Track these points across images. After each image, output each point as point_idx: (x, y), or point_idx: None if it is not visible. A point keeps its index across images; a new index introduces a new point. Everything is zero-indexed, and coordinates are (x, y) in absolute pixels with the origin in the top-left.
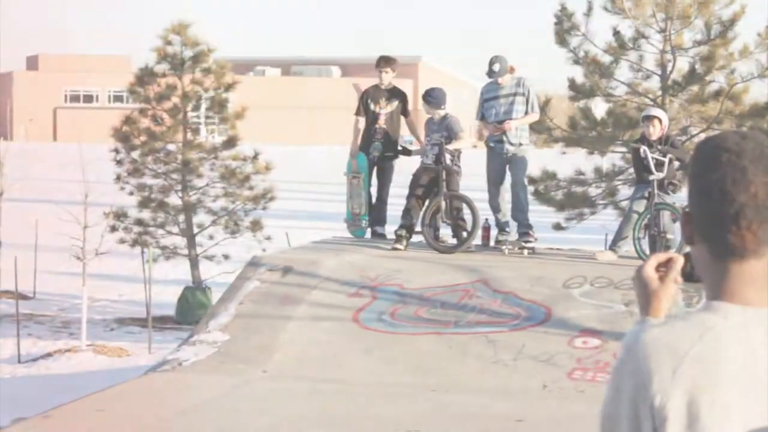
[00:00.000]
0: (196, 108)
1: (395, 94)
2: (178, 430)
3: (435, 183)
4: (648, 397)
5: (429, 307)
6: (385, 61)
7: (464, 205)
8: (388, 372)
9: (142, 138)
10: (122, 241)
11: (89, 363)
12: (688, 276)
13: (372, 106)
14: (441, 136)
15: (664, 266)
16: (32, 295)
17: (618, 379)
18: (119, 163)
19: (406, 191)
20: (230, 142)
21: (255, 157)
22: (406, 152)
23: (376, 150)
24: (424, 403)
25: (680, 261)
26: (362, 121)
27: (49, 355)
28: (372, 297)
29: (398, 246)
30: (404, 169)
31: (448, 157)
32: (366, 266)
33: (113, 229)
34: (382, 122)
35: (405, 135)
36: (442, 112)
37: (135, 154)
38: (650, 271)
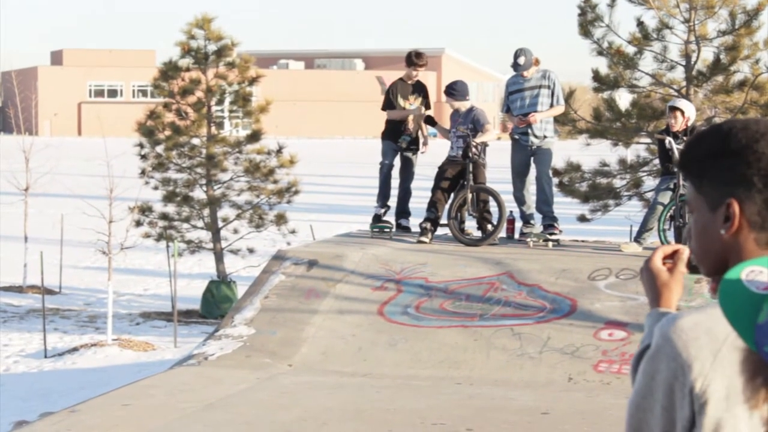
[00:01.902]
0: (220, 102)
1: (420, 88)
2: (205, 424)
3: (461, 176)
4: (687, 382)
5: (454, 300)
6: (418, 57)
7: (490, 198)
8: (413, 365)
9: (167, 132)
10: (147, 236)
11: (115, 357)
12: (693, 267)
13: (402, 102)
14: (467, 129)
15: (671, 258)
16: (58, 290)
17: (652, 366)
18: (144, 157)
19: (428, 184)
20: (254, 136)
21: (279, 150)
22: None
23: (404, 141)
24: (450, 396)
25: (686, 252)
26: (386, 113)
27: (75, 349)
28: (397, 290)
29: (423, 239)
30: (428, 161)
31: (474, 149)
32: (391, 259)
33: (138, 223)
34: (410, 118)
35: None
36: (467, 104)
37: (159, 149)
38: (658, 263)
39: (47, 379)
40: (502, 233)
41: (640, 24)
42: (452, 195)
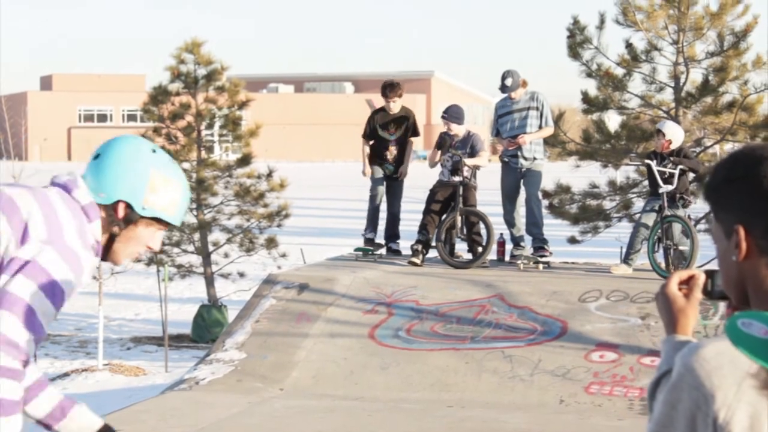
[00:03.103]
0: (210, 126)
1: (404, 116)
2: None
3: (452, 198)
4: (710, 412)
5: (445, 323)
6: (391, 89)
7: (479, 221)
8: (405, 388)
9: None
10: (138, 260)
11: (106, 382)
12: (709, 293)
13: (381, 133)
14: (464, 153)
15: (686, 283)
16: None
17: (674, 396)
18: None
19: (418, 206)
20: (244, 160)
21: (269, 174)
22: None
23: (388, 170)
24: (442, 419)
25: (702, 278)
26: (368, 146)
27: (66, 374)
28: (388, 313)
29: (415, 260)
30: (418, 184)
31: (465, 172)
32: (382, 282)
33: None
34: (393, 148)
35: (418, 150)
36: (463, 128)
37: None
38: (674, 288)
39: None
40: (493, 255)
41: (628, 46)
42: (442, 217)
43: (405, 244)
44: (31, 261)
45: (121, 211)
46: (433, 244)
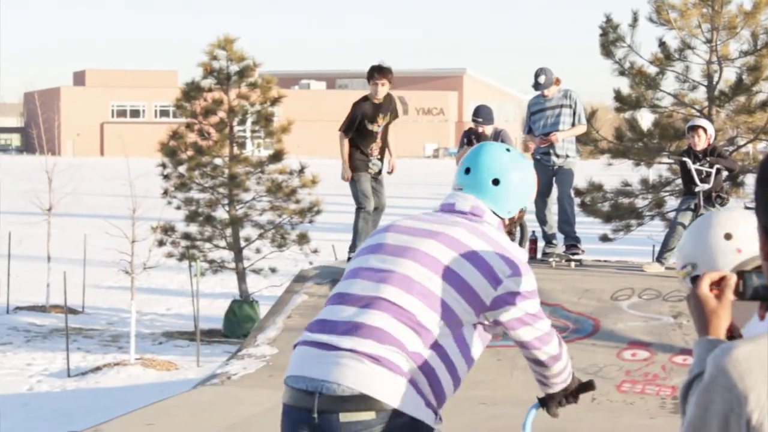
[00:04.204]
0: (243, 122)
1: (388, 104)
2: None
3: None
4: (744, 414)
5: None
6: (379, 72)
7: None
8: None
9: (189, 152)
10: (170, 255)
11: (138, 377)
12: (741, 294)
13: (369, 126)
14: None
15: (717, 284)
16: (81, 310)
17: (706, 398)
18: (166, 177)
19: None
20: (276, 156)
21: (301, 170)
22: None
23: (376, 167)
24: (474, 415)
25: (734, 279)
26: (346, 140)
27: (98, 368)
28: None
29: None
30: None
31: None
32: None
33: (161, 243)
34: (379, 140)
35: (450, 147)
36: (490, 128)
37: (182, 169)
38: (705, 289)
39: (70, 399)
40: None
41: (662, 44)
42: None
43: None
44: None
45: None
46: None
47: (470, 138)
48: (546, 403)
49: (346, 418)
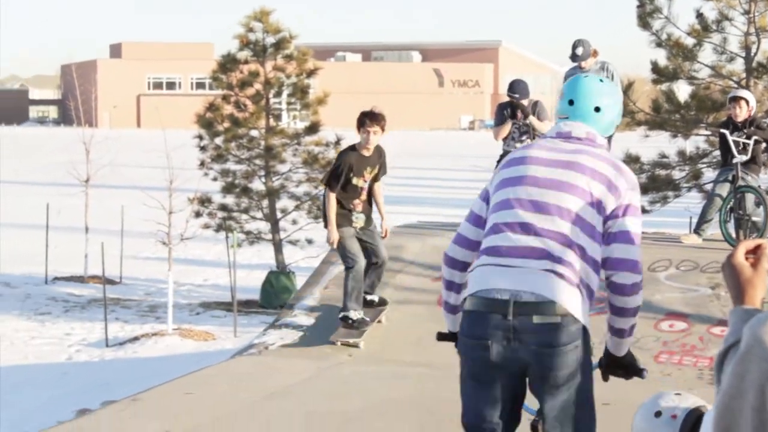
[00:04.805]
0: (278, 94)
1: (377, 156)
2: (266, 413)
3: None
4: None
5: None
6: (372, 119)
7: None
8: None
9: (226, 124)
10: (207, 227)
11: (176, 347)
12: None
13: (354, 180)
14: (527, 125)
15: (753, 253)
16: (119, 280)
17: (742, 367)
18: (203, 149)
19: (483, 175)
20: (312, 128)
21: (337, 142)
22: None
23: (360, 220)
24: None
25: None
26: (333, 196)
27: (136, 338)
28: None
29: None
30: (483, 153)
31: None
32: None
33: (198, 214)
34: (364, 195)
35: (485, 119)
36: (525, 102)
37: (218, 140)
38: (741, 258)
39: (108, 368)
40: None
41: (699, 16)
42: None
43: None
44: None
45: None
46: None
47: (512, 111)
48: (604, 365)
49: (539, 320)
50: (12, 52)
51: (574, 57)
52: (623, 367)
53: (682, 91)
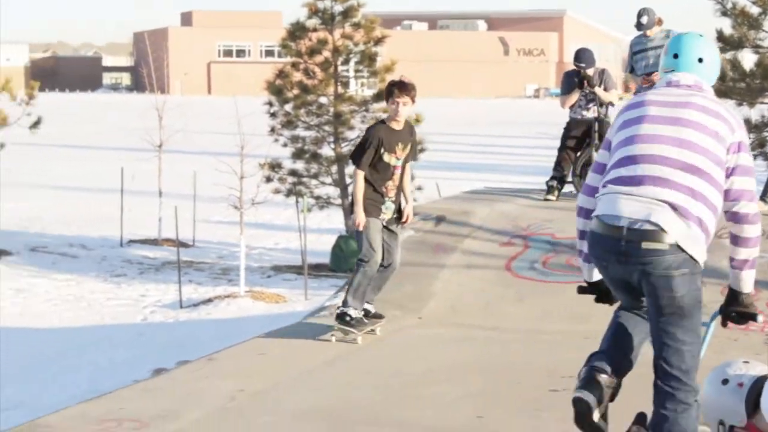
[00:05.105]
0: (347, 62)
1: (409, 132)
2: (335, 374)
3: (587, 134)
4: None
5: None
6: (400, 89)
7: None
8: (540, 320)
9: (295, 91)
10: (277, 192)
11: (248, 309)
12: None
13: (386, 157)
14: (593, 94)
15: None
16: (192, 243)
17: None
18: (273, 115)
19: (550, 143)
20: (380, 95)
21: None
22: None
23: (389, 211)
24: (577, 350)
25: None
26: (362, 175)
27: (209, 300)
28: (524, 246)
29: (550, 197)
30: (550, 120)
31: (601, 108)
32: (518, 216)
33: (268, 179)
34: (397, 176)
35: (551, 87)
36: (592, 69)
37: (288, 107)
38: None
39: (183, 329)
40: None
41: None
42: (577, 153)
43: (539, 180)
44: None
45: None
46: (569, 179)
47: (579, 79)
48: (723, 306)
49: (647, 246)
50: (86, 20)
51: (639, 26)
52: (742, 306)
53: (747, 59)
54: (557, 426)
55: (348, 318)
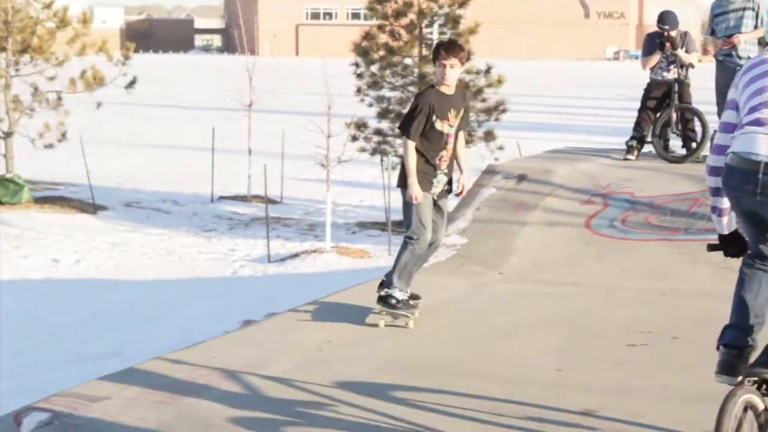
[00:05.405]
0: (431, 24)
1: (461, 96)
2: (419, 327)
3: (667, 96)
4: None
5: (659, 215)
6: (448, 50)
7: (694, 118)
8: (619, 276)
9: (381, 53)
10: (362, 150)
11: (333, 263)
12: None
13: (438, 125)
14: (674, 56)
15: None
16: (280, 200)
17: None
18: (359, 76)
19: (630, 104)
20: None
21: (487, 71)
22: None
23: (440, 184)
24: (656, 306)
25: None
26: (413, 145)
27: (296, 255)
28: (604, 204)
29: (629, 156)
30: (630, 82)
31: (682, 70)
32: (598, 175)
33: (354, 138)
34: (450, 146)
35: (630, 50)
36: (674, 33)
37: (374, 68)
38: None
39: (271, 283)
40: (706, 151)
41: None
42: (657, 114)
43: (618, 140)
44: None
45: None
46: (648, 140)
47: (662, 41)
48: None
49: None
50: None
51: None
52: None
53: None
54: (635, 380)
55: (394, 301)
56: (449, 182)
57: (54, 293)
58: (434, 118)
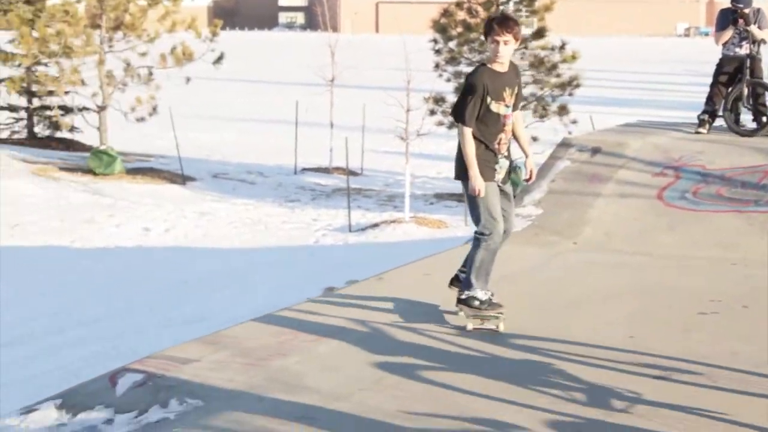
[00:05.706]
0: (508, 1)
1: (514, 74)
2: (497, 295)
3: (738, 71)
4: None
5: (730, 187)
6: (501, 25)
7: (765, 92)
8: (690, 247)
9: (458, 29)
10: (440, 124)
11: (412, 233)
12: None
13: (493, 106)
14: (747, 32)
15: None
16: (360, 172)
17: None
18: (437, 52)
19: (702, 80)
20: (539, 33)
21: (562, 47)
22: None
23: (502, 169)
24: (726, 276)
25: None
26: (470, 132)
27: (376, 225)
28: (675, 176)
29: (701, 130)
30: (701, 59)
31: (754, 46)
32: (670, 148)
33: (432, 112)
34: (509, 127)
35: (701, 26)
36: (748, 10)
37: (452, 44)
38: None
39: (351, 251)
40: None
41: None
42: (729, 89)
43: (690, 115)
44: None
45: None
46: (720, 114)
47: (734, 18)
48: None
49: None
50: None
51: None
52: None
53: None
54: (705, 347)
55: (477, 303)
56: (510, 167)
57: (145, 260)
58: (489, 99)
